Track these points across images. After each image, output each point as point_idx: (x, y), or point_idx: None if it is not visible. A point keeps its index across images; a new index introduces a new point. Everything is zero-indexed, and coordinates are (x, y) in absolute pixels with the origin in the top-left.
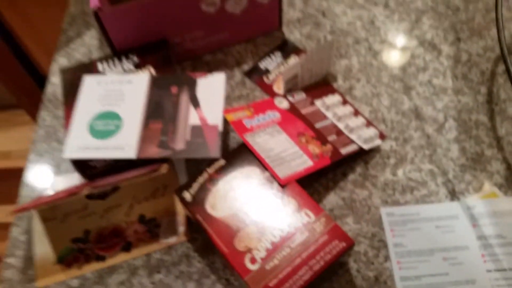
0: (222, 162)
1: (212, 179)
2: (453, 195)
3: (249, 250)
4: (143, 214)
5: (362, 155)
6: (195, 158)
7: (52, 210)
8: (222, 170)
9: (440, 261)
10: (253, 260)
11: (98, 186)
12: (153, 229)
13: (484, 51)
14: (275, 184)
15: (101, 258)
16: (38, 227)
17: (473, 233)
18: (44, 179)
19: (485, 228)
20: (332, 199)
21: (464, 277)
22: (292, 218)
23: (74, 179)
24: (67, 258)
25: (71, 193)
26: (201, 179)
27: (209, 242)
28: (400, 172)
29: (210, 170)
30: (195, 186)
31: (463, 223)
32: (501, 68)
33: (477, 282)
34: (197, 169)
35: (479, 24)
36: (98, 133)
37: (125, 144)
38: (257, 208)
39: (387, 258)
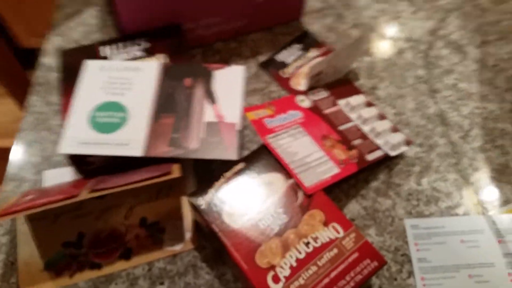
0: (241, 165)
1: (229, 185)
2: (478, 208)
3: (272, 267)
4: (145, 216)
5: (386, 161)
6: (210, 159)
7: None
8: (241, 175)
9: (466, 278)
10: (276, 279)
11: (100, 190)
12: (156, 234)
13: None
14: (300, 193)
15: (96, 266)
16: (23, 227)
17: (499, 250)
18: (31, 172)
19: (511, 244)
20: (353, 208)
21: None
22: (319, 232)
23: (66, 174)
24: (57, 265)
25: (67, 197)
26: (217, 185)
27: (219, 251)
28: (425, 181)
29: (228, 174)
30: (211, 192)
31: (489, 238)
32: None
33: None
34: (207, 169)
35: (507, 27)
36: (100, 126)
37: (130, 140)
38: (280, 219)
39: (410, 273)
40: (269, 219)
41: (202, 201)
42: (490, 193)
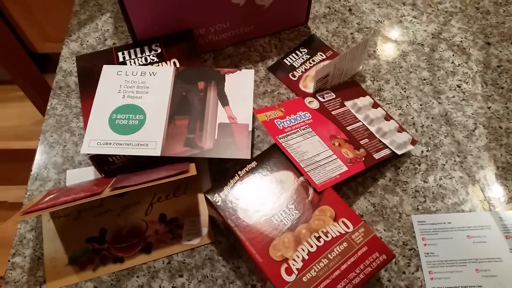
0: (253, 164)
1: (243, 183)
2: (484, 204)
3: (285, 260)
4: (164, 213)
5: (392, 160)
6: (223, 159)
7: None
8: (253, 173)
9: (473, 272)
10: (289, 271)
11: (121, 188)
12: (175, 229)
13: None
14: (311, 190)
15: (119, 260)
16: (48, 224)
17: (506, 245)
18: (55, 172)
19: None
20: (362, 205)
21: None
22: (329, 227)
23: (88, 173)
24: (81, 259)
25: (90, 194)
26: (232, 182)
27: (234, 245)
28: (431, 179)
29: (241, 172)
30: (226, 190)
31: (496, 234)
32: None
33: None
34: (222, 168)
35: (510, 28)
36: (119, 128)
37: (149, 141)
38: (292, 215)
39: (418, 267)
40: (282, 215)
41: (218, 198)
42: (496, 190)
